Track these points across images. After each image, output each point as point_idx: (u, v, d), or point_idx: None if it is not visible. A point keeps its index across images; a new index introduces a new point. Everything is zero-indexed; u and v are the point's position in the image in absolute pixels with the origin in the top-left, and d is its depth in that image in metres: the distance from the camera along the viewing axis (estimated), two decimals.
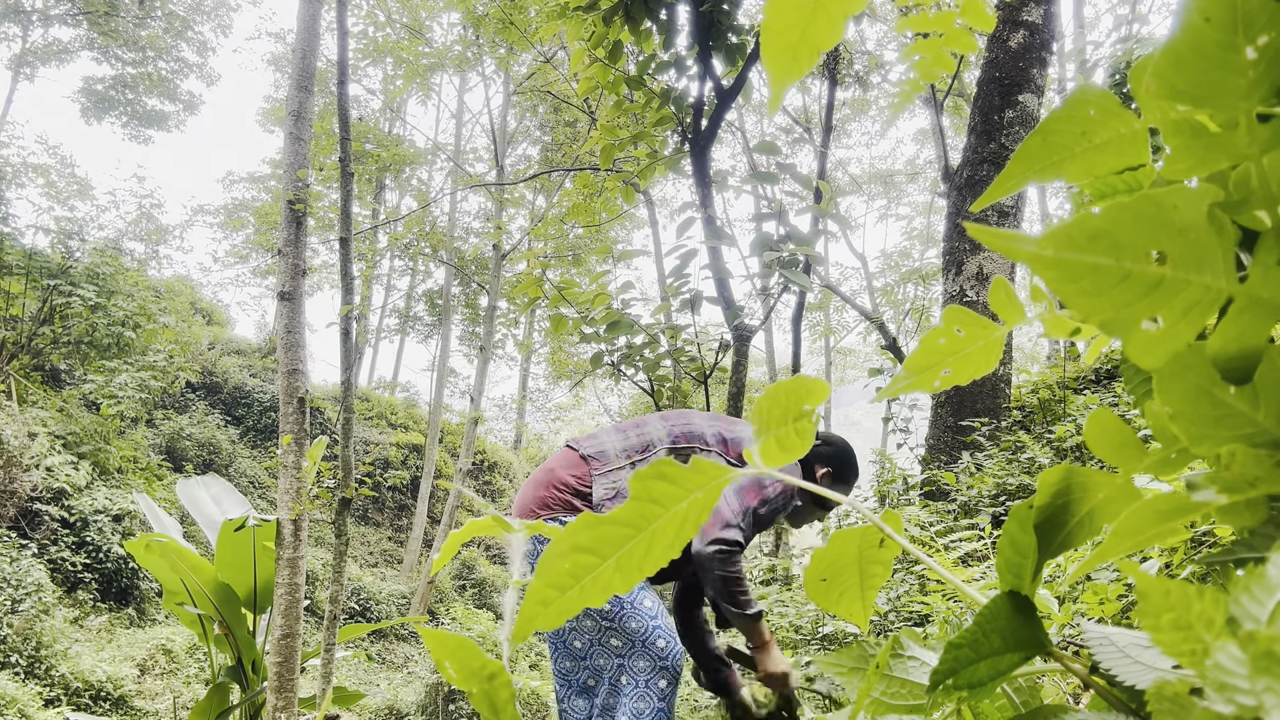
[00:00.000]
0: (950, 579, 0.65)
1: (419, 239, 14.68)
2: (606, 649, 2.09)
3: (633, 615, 2.05)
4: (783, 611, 4.39)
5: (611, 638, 2.07)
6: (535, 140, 18.67)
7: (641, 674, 2.04)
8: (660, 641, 2.05)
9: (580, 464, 2.20)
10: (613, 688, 2.07)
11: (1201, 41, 0.44)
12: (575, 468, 2.20)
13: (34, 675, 7.67)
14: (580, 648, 2.14)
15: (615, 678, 2.07)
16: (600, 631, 2.09)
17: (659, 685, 2.04)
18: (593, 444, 2.25)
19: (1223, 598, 0.40)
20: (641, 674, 2.04)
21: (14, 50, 17.35)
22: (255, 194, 23.40)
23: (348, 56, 4.77)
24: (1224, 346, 0.47)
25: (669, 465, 0.58)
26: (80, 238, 11.60)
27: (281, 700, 4.31)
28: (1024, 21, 6.31)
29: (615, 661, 2.07)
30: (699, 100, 4.76)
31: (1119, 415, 1.17)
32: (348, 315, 4.69)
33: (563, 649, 2.18)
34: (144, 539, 4.85)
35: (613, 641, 2.08)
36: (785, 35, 0.53)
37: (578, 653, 2.15)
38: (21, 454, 9.39)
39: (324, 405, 16.88)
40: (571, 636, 2.15)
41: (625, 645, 2.06)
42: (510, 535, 0.83)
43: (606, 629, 2.07)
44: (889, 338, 9.41)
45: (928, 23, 1.83)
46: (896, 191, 24.66)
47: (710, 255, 4.67)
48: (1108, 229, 0.43)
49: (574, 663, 2.16)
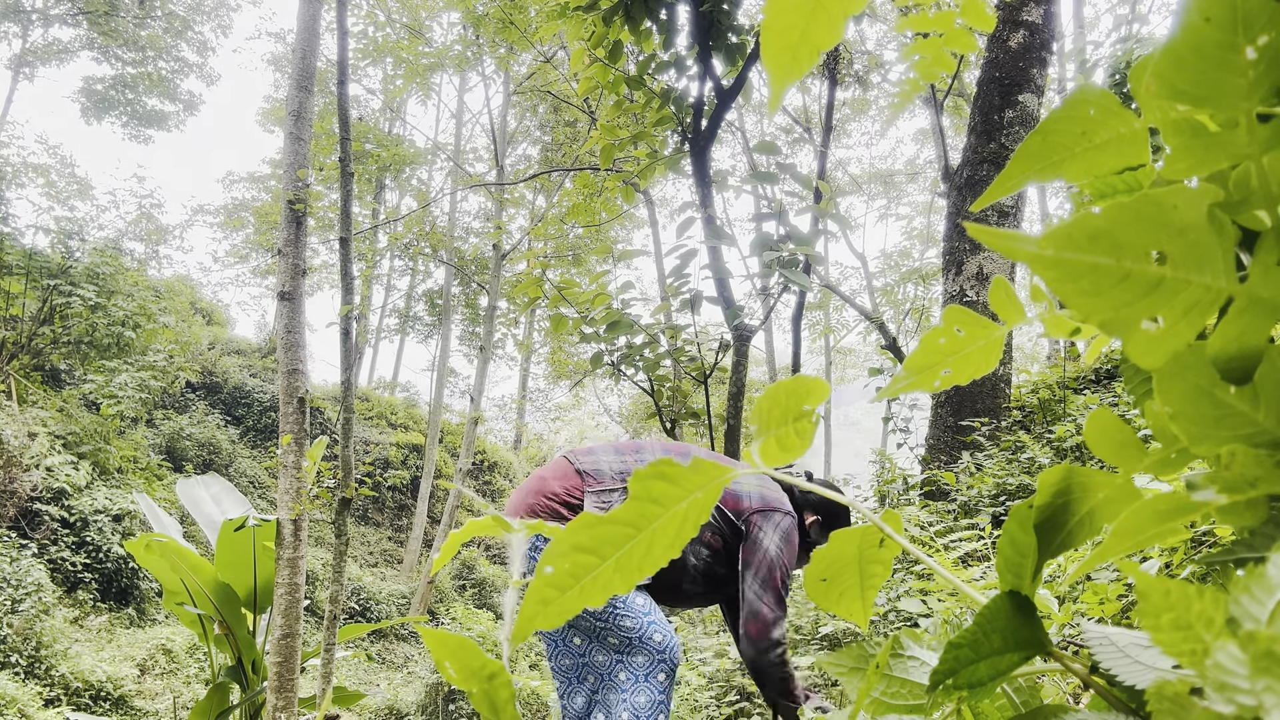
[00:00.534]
0: (950, 579, 0.65)
1: (419, 239, 14.68)
2: (605, 646, 2.10)
3: (626, 614, 2.06)
4: None
5: (609, 635, 2.08)
6: (535, 140, 18.68)
7: (640, 669, 2.05)
8: (656, 636, 2.06)
9: (573, 477, 2.22)
10: (611, 683, 2.08)
11: (1201, 41, 0.44)
12: (567, 479, 2.22)
13: (34, 675, 7.67)
14: (580, 644, 2.15)
15: (614, 673, 2.08)
16: (596, 631, 2.10)
17: (658, 679, 2.05)
18: (589, 460, 2.27)
19: (1223, 597, 0.40)
20: (640, 669, 2.05)
21: (14, 50, 17.36)
22: (255, 194, 23.41)
23: (348, 56, 4.77)
24: (1224, 346, 0.47)
25: (669, 465, 0.58)
26: (80, 238, 11.60)
27: (281, 700, 4.31)
28: (1024, 21, 6.31)
29: (614, 658, 2.09)
30: (699, 100, 4.76)
31: (1119, 415, 1.17)
32: (348, 315, 4.69)
33: (562, 647, 2.19)
34: (144, 539, 4.85)
35: (610, 639, 2.08)
36: (785, 35, 0.53)
37: (577, 650, 2.16)
38: (21, 454, 9.39)
39: (324, 405, 16.89)
40: (571, 634, 2.16)
41: (622, 642, 2.07)
42: (510, 535, 0.83)
43: (602, 629, 2.08)
44: (889, 337, 9.41)
45: (927, 22, 1.84)
46: (896, 191, 24.66)
47: (710, 255, 4.67)
48: (1108, 229, 0.43)
49: (573, 660, 2.17)
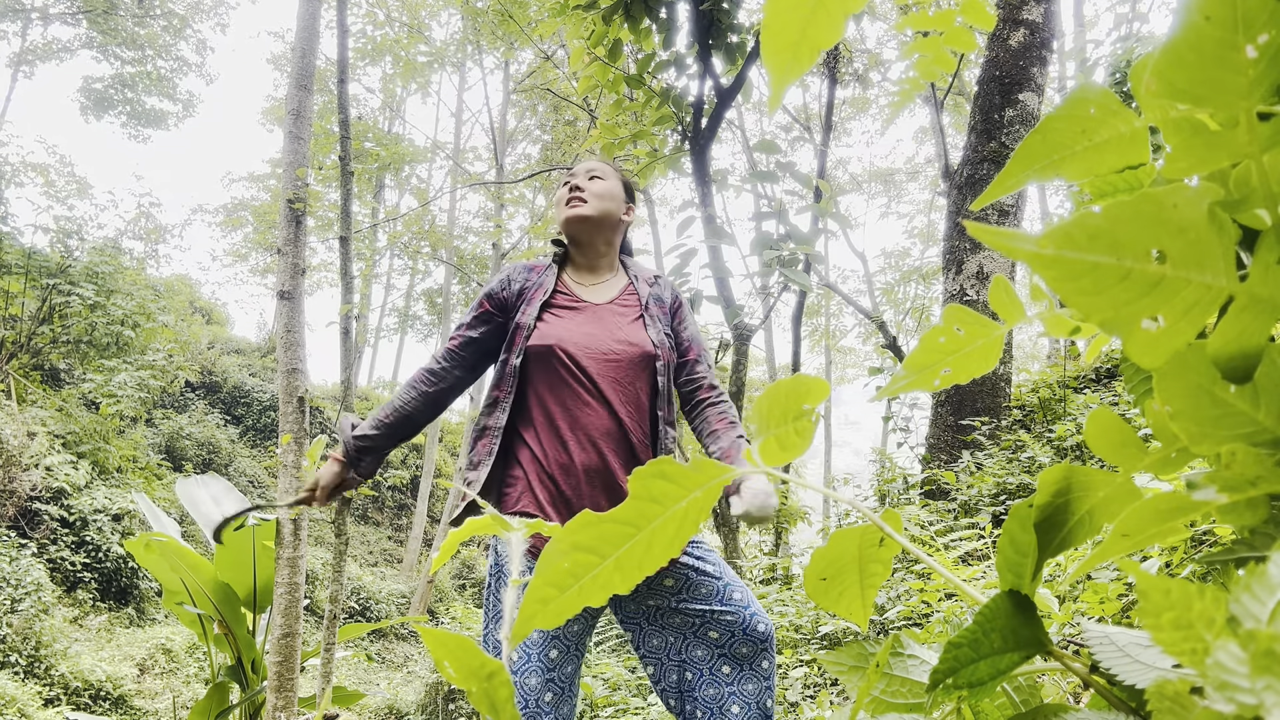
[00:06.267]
0: (950, 578, 0.65)
1: (418, 238, 14.68)
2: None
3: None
4: (783, 610, 4.39)
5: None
6: (535, 139, 18.68)
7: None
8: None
9: None
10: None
11: (1201, 40, 0.44)
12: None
13: (33, 675, 7.67)
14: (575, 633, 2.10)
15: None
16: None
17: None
18: None
19: (1223, 597, 0.40)
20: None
21: (13, 49, 17.36)
22: (254, 193, 23.42)
23: (348, 55, 4.77)
24: (1224, 345, 0.47)
25: (668, 464, 0.58)
26: (79, 237, 11.60)
27: (281, 700, 4.31)
28: (1024, 20, 6.31)
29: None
30: (699, 99, 4.76)
31: (1119, 414, 1.17)
32: (347, 314, 4.69)
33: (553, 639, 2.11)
34: (144, 538, 4.85)
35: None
36: (785, 34, 0.53)
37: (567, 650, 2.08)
38: (21, 453, 9.39)
39: (324, 404, 16.87)
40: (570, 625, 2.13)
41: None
42: (509, 534, 0.83)
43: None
44: (889, 336, 9.41)
45: (928, 21, 1.84)
46: (897, 190, 24.65)
47: (710, 254, 4.67)
48: (1108, 228, 0.43)
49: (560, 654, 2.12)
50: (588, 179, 2.11)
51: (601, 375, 1.96)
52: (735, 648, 1.90)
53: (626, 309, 2.07)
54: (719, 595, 1.90)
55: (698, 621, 1.91)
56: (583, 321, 2.01)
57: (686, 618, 1.92)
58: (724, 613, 1.89)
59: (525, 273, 2.10)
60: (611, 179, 2.13)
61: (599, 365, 1.96)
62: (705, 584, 1.91)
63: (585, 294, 2.08)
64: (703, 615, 1.90)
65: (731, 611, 1.89)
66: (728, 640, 1.90)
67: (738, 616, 1.89)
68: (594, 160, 2.17)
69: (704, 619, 1.90)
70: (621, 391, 1.97)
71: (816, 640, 4.07)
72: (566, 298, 2.06)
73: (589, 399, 1.94)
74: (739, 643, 1.89)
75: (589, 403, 1.94)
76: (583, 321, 2.01)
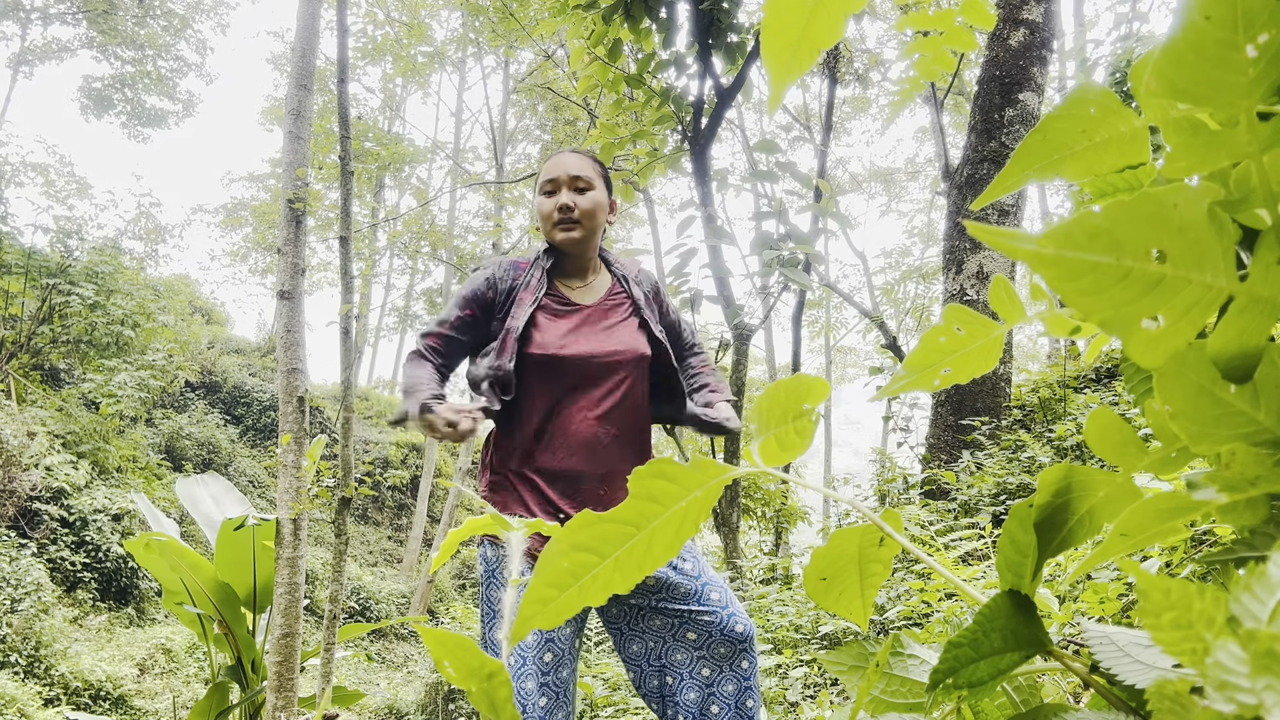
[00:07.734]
0: (951, 577, 0.65)
1: (418, 237, 14.68)
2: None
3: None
4: (783, 610, 4.39)
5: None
6: (535, 139, 18.68)
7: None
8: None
9: None
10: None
11: (1201, 40, 0.44)
12: None
13: (33, 675, 7.67)
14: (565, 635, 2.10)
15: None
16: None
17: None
18: None
19: (1223, 596, 0.40)
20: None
21: (13, 49, 17.36)
22: (254, 193, 23.43)
23: (348, 55, 4.77)
24: (1224, 345, 0.47)
25: (668, 464, 0.58)
26: (79, 236, 11.60)
27: (281, 700, 4.31)
28: (1024, 20, 6.31)
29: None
30: (699, 99, 4.76)
31: (1119, 414, 1.17)
32: (347, 314, 4.69)
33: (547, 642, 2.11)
34: (144, 538, 4.85)
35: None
36: (785, 33, 0.53)
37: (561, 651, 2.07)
38: (21, 453, 9.39)
39: (323, 404, 16.88)
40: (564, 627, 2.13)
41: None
42: (508, 534, 0.83)
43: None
44: (889, 336, 9.41)
45: (928, 21, 1.84)
46: (897, 189, 24.66)
47: (710, 254, 4.67)
48: (1108, 227, 0.43)
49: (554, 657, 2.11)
50: (575, 192, 2.03)
51: (598, 378, 1.96)
52: (713, 648, 1.90)
53: (617, 309, 2.08)
54: (697, 595, 1.90)
55: (676, 622, 1.92)
56: (576, 325, 2.01)
57: (666, 618, 1.92)
58: (701, 613, 1.90)
59: (511, 270, 2.07)
60: (596, 183, 2.07)
61: (595, 368, 1.97)
62: (684, 584, 1.91)
63: (575, 296, 2.08)
64: (681, 615, 1.91)
65: (710, 612, 1.90)
66: (705, 641, 1.90)
67: (715, 617, 1.90)
68: (572, 156, 2.07)
69: (682, 619, 1.91)
70: (619, 392, 1.97)
71: (816, 640, 4.07)
72: (556, 300, 2.04)
73: (586, 402, 1.95)
74: (717, 643, 1.90)
75: (587, 405, 1.95)
76: (576, 325, 2.01)
